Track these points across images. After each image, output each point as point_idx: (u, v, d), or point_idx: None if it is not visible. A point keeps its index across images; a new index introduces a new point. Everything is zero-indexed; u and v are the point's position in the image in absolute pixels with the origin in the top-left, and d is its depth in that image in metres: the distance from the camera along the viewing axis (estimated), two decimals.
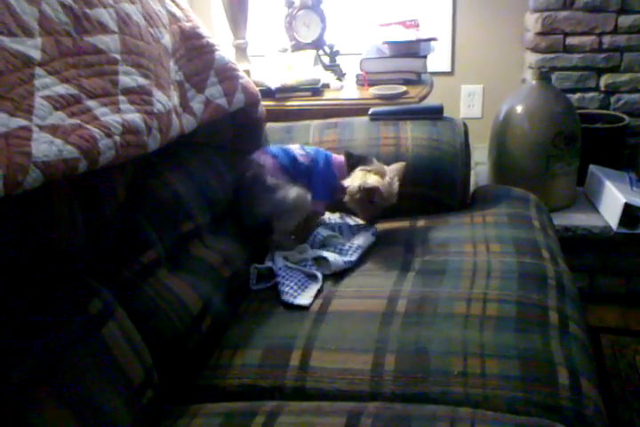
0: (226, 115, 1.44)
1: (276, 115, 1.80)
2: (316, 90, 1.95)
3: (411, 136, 1.60)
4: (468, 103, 2.56)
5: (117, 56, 1.03)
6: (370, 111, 1.68)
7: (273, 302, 1.22)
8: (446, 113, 1.69)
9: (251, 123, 1.58)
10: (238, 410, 0.93)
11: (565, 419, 0.89)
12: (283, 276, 1.27)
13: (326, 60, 2.15)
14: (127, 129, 0.98)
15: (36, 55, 0.87)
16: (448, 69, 2.51)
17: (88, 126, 0.90)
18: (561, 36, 2.20)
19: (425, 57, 2.03)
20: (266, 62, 2.19)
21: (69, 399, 0.78)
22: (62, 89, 0.89)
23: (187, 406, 0.97)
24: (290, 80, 1.94)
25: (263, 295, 1.26)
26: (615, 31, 2.15)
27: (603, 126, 2.19)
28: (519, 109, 1.99)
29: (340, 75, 2.12)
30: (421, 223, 1.49)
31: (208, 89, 1.37)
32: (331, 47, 2.15)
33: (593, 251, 2.06)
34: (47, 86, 0.87)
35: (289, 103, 1.92)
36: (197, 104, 1.33)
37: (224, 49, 1.47)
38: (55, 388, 0.77)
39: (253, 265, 1.32)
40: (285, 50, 2.17)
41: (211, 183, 1.34)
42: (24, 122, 0.80)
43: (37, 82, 0.85)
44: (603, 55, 2.20)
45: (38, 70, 0.86)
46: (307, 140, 1.64)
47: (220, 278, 1.21)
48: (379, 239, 1.43)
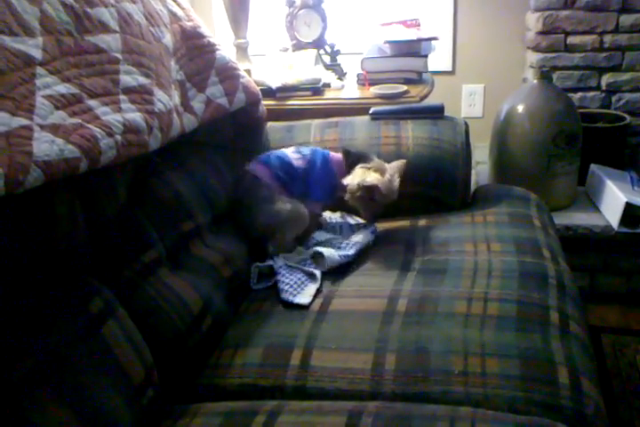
0: (227, 114, 1.44)
1: (277, 114, 1.80)
2: (317, 89, 1.95)
3: (411, 135, 1.60)
4: (469, 102, 2.56)
5: (118, 55, 1.03)
6: (371, 110, 1.68)
7: (273, 302, 1.22)
8: (447, 112, 1.69)
9: (251, 122, 1.58)
10: (239, 409, 0.93)
11: (566, 418, 0.89)
12: (282, 274, 1.27)
13: (327, 60, 2.15)
14: (128, 128, 0.98)
15: (37, 54, 0.87)
16: (449, 69, 2.51)
17: (89, 126, 0.90)
18: (562, 36, 2.19)
19: (426, 56, 2.03)
20: (267, 62, 2.19)
21: (70, 399, 0.78)
22: (63, 88, 0.89)
23: (187, 405, 0.97)
24: (291, 79, 1.94)
25: (264, 295, 1.26)
26: (616, 30, 2.15)
27: (604, 126, 2.19)
28: (520, 109, 1.99)
29: (341, 74, 2.11)
30: (422, 223, 1.49)
31: (209, 88, 1.37)
32: (332, 46, 2.15)
33: (594, 250, 2.06)
34: (48, 86, 0.87)
35: (290, 102, 1.92)
36: (198, 103, 1.33)
37: (225, 48, 1.47)
38: (56, 387, 0.77)
39: (254, 264, 1.32)
40: (286, 49, 2.17)
41: (211, 183, 1.34)
42: (25, 121, 0.80)
43: (38, 81, 0.85)
44: (604, 54, 2.19)
45: (39, 70, 0.86)
46: (307, 139, 1.64)
47: (221, 278, 1.22)
48: (379, 239, 1.43)
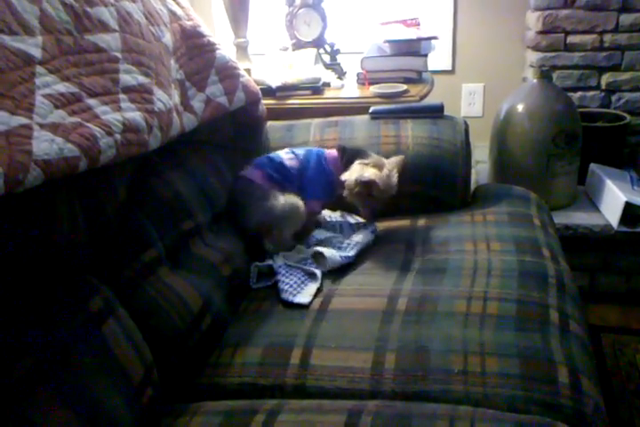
0: (226, 113, 1.44)
1: (277, 113, 1.80)
2: (317, 88, 1.95)
3: (411, 135, 1.60)
4: (469, 102, 2.56)
5: (118, 54, 1.03)
6: (370, 110, 1.68)
7: (273, 301, 1.22)
8: (447, 112, 1.69)
9: (251, 121, 1.58)
10: (239, 408, 0.93)
11: (566, 417, 0.89)
12: (282, 274, 1.27)
13: (327, 59, 2.15)
14: (128, 127, 0.98)
15: (37, 53, 0.87)
16: (449, 68, 2.51)
17: (89, 125, 0.90)
18: (562, 35, 2.19)
19: (426, 55, 2.03)
20: (266, 61, 2.19)
21: (70, 398, 0.78)
22: (63, 87, 0.89)
23: (187, 404, 0.97)
24: (290, 79, 1.94)
25: (263, 294, 1.26)
26: (616, 30, 2.15)
27: (603, 125, 2.19)
28: (520, 108, 1.99)
29: (341, 73, 2.11)
30: (422, 222, 1.49)
31: (209, 88, 1.37)
32: (331, 46, 2.15)
33: (593, 250, 2.06)
34: (48, 85, 0.87)
35: (290, 102, 1.92)
36: (198, 103, 1.33)
37: (225, 48, 1.47)
38: (56, 386, 0.77)
39: (254, 263, 1.32)
40: (286, 48, 2.17)
41: (211, 182, 1.35)
42: (25, 120, 0.80)
43: (38, 80, 0.85)
44: (604, 54, 2.19)
45: (39, 69, 0.86)
46: (307, 138, 1.64)
47: (221, 277, 1.22)
48: (379, 238, 1.43)
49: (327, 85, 2.01)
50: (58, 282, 0.89)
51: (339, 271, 1.29)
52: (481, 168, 2.33)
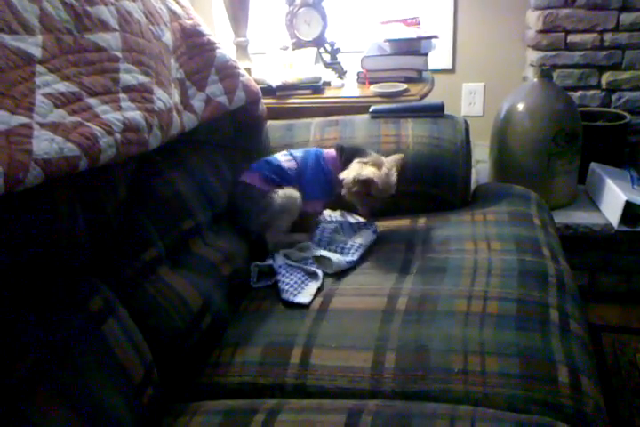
0: (226, 113, 1.44)
1: (277, 113, 1.80)
2: (317, 88, 1.95)
3: (411, 134, 1.60)
4: (469, 101, 2.56)
5: (118, 54, 1.03)
6: (371, 109, 1.68)
7: (273, 300, 1.22)
8: (447, 111, 1.69)
9: (251, 121, 1.58)
10: (239, 408, 0.93)
11: (566, 417, 0.89)
12: (283, 274, 1.27)
13: (327, 58, 2.15)
14: (128, 127, 0.98)
15: (37, 53, 0.87)
16: (449, 67, 2.51)
17: (89, 124, 0.90)
18: (562, 34, 2.19)
19: (426, 55, 2.03)
20: (267, 60, 2.19)
21: (70, 397, 0.78)
22: (63, 87, 0.89)
23: (187, 403, 0.97)
24: (291, 78, 1.94)
25: (263, 293, 1.26)
26: (617, 29, 2.15)
27: (604, 124, 2.18)
28: (520, 107, 1.99)
29: (341, 73, 2.11)
30: (422, 221, 1.49)
31: (209, 87, 1.37)
32: (332, 45, 2.15)
33: (594, 249, 2.06)
34: (48, 84, 0.87)
35: (290, 101, 1.92)
36: (198, 102, 1.33)
37: (225, 47, 1.47)
38: (56, 385, 0.77)
39: (254, 263, 1.32)
40: (286, 48, 2.17)
41: (211, 181, 1.34)
42: (25, 119, 0.80)
43: (38, 79, 0.85)
44: (604, 53, 2.19)
45: (39, 68, 0.86)
46: (307, 138, 1.64)
47: (221, 276, 1.22)
48: (379, 237, 1.43)
49: (327, 85, 2.01)
50: (58, 281, 0.88)
51: (339, 271, 1.29)
52: (481, 167, 2.33)
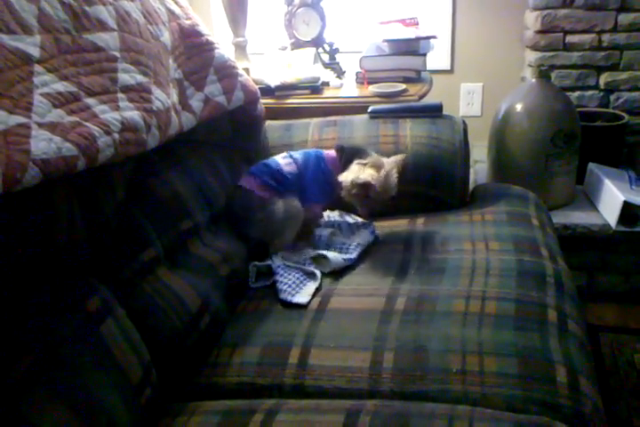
0: (225, 113, 1.44)
1: (276, 113, 1.80)
2: (316, 88, 1.95)
3: (410, 134, 1.60)
4: (468, 101, 2.56)
5: (116, 54, 1.03)
6: (369, 109, 1.68)
7: (272, 300, 1.22)
8: (446, 111, 1.69)
9: (250, 121, 1.58)
10: (237, 408, 0.93)
11: (564, 417, 0.89)
12: (281, 274, 1.27)
13: (326, 58, 2.15)
14: (126, 127, 0.98)
15: (35, 53, 0.87)
16: (447, 67, 2.51)
17: (87, 124, 0.90)
18: (561, 34, 2.19)
19: (424, 55, 2.03)
20: (265, 60, 2.19)
21: (68, 398, 0.78)
22: (61, 86, 0.89)
23: (185, 403, 0.97)
24: (289, 78, 1.94)
25: (262, 293, 1.26)
26: (615, 29, 2.15)
27: (602, 124, 2.19)
28: (519, 108, 1.99)
29: (340, 73, 2.11)
30: (420, 221, 1.49)
31: (207, 87, 1.37)
32: (330, 45, 2.15)
33: (592, 249, 2.06)
34: (46, 84, 0.86)
35: (288, 101, 1.92)
36: (196, 102, 1.33)
37: (223, 47, 1.47)
38: (54, 386, 0.77)
39: (252, 263, 1.32)
40: (285, 48, 2.17)
41: (209, 181, 1.34)
42: (23, 119, 0.80)
43: (36, 79, 0.85)
44: (602, 53, 2.19)
45: (37, 68, 0.86)
46: (306, 138, 1.64)
47: (219, 276, 1.21)
48: (378, 238, 1.43)
49: (326, 85, 2.01)
50: (56, 282, 0.88)
51: (337, 271, 1.29)
52: (479, 168, 2.33)
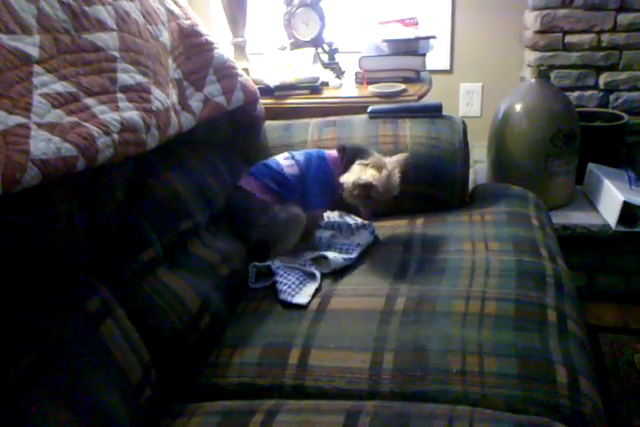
0: (224, 113, 1.44)
1: (275, 113, 1.80)
2: (315, 88, 1.95)
3: (409, 134, 1.60)
4: (467, 101, 2.56)
5: (116, 54, 1.03)
6: (369, 109, 1.68)
7: (271, 301, 1.22)
8: (445, 111, 1.69)
9: (249, 121, 1.57)
10: (237, 409, 0.93)
11: (564, 417, 0.89)
12: (281, 275, 1.26)
13: (325, 58, 2.15)
14: (125, 127, 0.98)
15: (35, 53, 0.86)
16: (447, 67, 2.51)
17: (86, 124, 0.90)
18: (560, 35, 2.19)
19: (424, 55, 2.03)
20: (265, 60, 2.19)
21: (68, 398, 0.78)
22: (61, 87, 0.89)
23: (185, 404, 0.97)
24: (289, 78, 1.94)
25: (262, 294, 1.26)
26: (614, 29, 2.15)
27: (602, 124, 2.19)
28: (518, 108, 1.99)
29: (339, 73, 2.11)
30: (420, 222, 1.49)
31: (207, 87, 1.37)
32: (330, 45, 2.15)
33: (591, 249, 2.06)
34: (45, 84, 0.86)
35: (288, 101, 1.92)
36: (196, 102, 1.33)
37: (223, 47, 1.47)
38: (54, 386, 0.77)
39: (252, 263, 1.32)
40: (284, 48, 2.17)
41: (209, 182, 1.34)
42: (22, 119, 0.80)
43: (36, 79, 0.85)
44: (602, 53, 2.20)
45: (37, 68, 0.86)
46: (305, 138, 1.64)
47: (219, 277, 1.21)
48: (377, 238, 1.43)
49: (325, 85, 2.01)
50: (56, 282, 0.88)
51: (337, 272, 1.29)
52: (479, 168, 2.33)
